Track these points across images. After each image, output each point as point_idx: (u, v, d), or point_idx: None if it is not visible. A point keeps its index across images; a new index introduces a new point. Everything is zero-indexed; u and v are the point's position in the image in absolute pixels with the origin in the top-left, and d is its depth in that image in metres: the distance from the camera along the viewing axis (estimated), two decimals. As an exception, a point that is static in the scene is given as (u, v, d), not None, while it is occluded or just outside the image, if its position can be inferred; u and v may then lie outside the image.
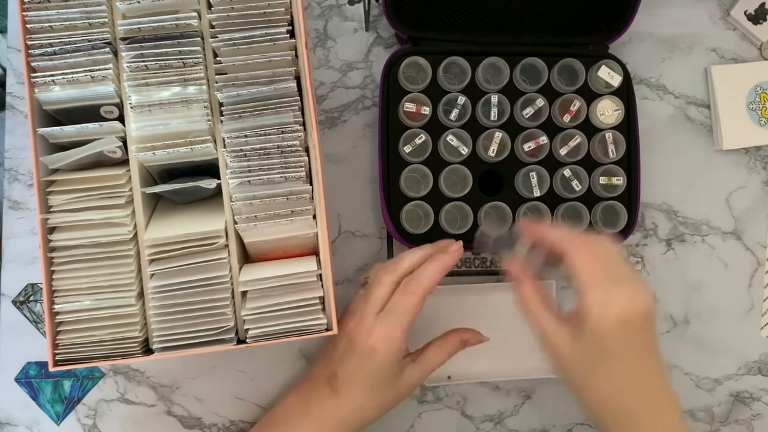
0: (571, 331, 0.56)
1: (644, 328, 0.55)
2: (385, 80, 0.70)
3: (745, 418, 0.76)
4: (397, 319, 0.59)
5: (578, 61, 0.71)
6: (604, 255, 0.56)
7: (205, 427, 0.71)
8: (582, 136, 0.71)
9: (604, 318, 0.54)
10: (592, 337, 0.54)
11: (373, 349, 0.59)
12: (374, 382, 0.60)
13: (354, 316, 0.61)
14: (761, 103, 0.78)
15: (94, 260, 0.58)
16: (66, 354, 0.57)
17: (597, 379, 0.56)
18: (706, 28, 0.79)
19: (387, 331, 0.59)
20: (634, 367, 0.56)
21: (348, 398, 0.61)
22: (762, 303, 0.77)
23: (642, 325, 0.54)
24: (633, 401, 0.56)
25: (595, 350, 0.55)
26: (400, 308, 0.59)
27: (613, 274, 0.55)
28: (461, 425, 0.73)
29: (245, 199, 0.59)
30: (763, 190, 0.78)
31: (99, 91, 0.58)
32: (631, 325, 0.54)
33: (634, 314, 0.54)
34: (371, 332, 0.59)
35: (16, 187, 0.72)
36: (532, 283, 0.59)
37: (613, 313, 0.54)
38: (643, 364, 0.56)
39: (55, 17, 0.58)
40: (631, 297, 0.54)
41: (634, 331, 0.54)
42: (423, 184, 0.70)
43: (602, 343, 0.54)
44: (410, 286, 0.60)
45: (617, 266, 0.56)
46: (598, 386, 0.57)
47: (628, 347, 0.55)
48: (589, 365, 0.56)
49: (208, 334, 0.58)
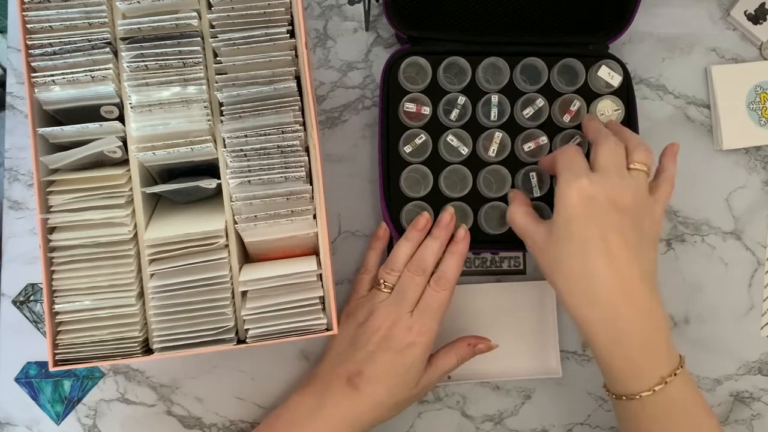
0: (548, 223, 0.60)
1: (612, 213, 0.55)
2: (385, 80, 0.70)
3: (745, 418, 0.76)
4: (432, 315, 0.63)
5: (578, 61, 0.71)
6: (594, 157, 0.59)
7: (205, 427, 0.71)
8: (582, 136, 0.71)
9: (567, 196, 0.56)
10: (558, 216, 0.57)
11: (413, 343, 0.62)
12: (402, 379, 0.62)
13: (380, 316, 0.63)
14: (761, 103, 0.78)
15: (94, 260, 0.58)
16: (66, 354, 0.57)
17: (564, 256, 0.57)
18: (706, 28, 0.79)
19: (425, 325, 0.63)
20: (599, 240, 0.55)
21: (369, 396, 0.62)
22: (762, 303, 0.77)
23: (609, 206, 0.55)
24: (601, 274, 0.56)
25: (560, 227, 0.57)
26: (434, 305, 0.63)
27: (593, 167, 0.58)
28: (461, 425, 0.73)
29: (245, 199, 0.59)
30: (763, 190, 0.78)
31: (99, 91, 0.58)
32: (595, 201, 0.55)
33: (596, 193, 0.55)
34: (410, 329, 0.62)
35: (16, 187, 0.72)
36: (520, 200, 0.65)
37: (575, 190, 0.55)
38: (612, 241, 0.55)
39: (55, 17, 0.58)
40: (601, 182, 0.56)
41: (599, 209, 0.55)
42: (423, 184, 0.70)
43: (565, 218, 0.56)
44: (441, 282, 0.64)
45: (602, 162, 0.57)
46: (567, 261, 0.57)
47: (590, 224, 0.55)
48: (556, 243, 0.58)
49: (208, 334, 0.58)
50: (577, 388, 0.74)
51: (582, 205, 0.55)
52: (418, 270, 0.64)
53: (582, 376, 0.74)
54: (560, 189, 0.57)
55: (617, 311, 0.56)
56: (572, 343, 0.74)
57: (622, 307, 0.56)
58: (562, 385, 0.74)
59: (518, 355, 0.73)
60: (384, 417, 0.64)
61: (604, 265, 0.56)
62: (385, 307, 0.64)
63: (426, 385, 0.65)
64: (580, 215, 0.56)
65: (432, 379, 0.65)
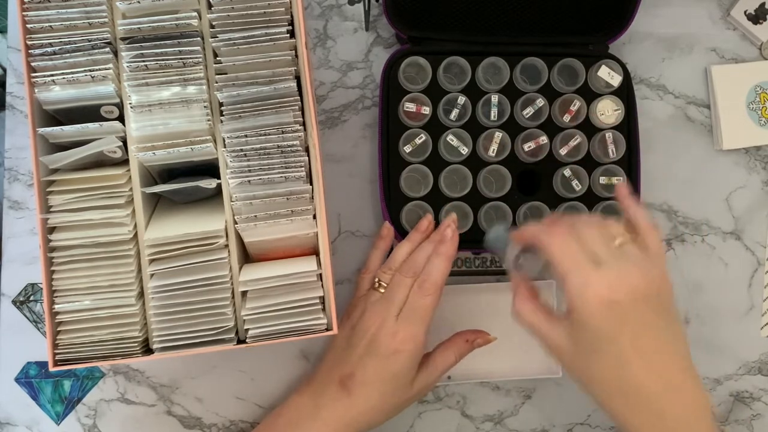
0: (565, 325, 0.55)
1: (638, 308, 0.52)
2: (385, 80, 0.70)
3: (745, 418, 0.76)
4: (418, 320, 0.61)
5: (578, 61, 0.71)
6: (580, 239, 0.54)
7: (205, 427, 0.71)
8: (582, 136, 0.71)
9: (586, 304, 0.51)
10: (580, 326, 0.52)
11: (397, 350, 0.61)
12: (392, 385, 0.62)
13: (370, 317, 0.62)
14: (761, 103, 0.78)
15: (94, 260, 0.58)
16: (66, 354, 0.57)
17: (596, 367, 0.54)
18: (706, 28, 0.79)
19: (411, 332, 0.61)
20: (634, 353, 0.52)
21: (362, 400, 0.61)
22: (762, 303, 0.77)
23: (633, 306, 0.51)
24: (642, 381, 0.53)
25: (587, 338, 0.53)
26: (419, 309, 0.62)
27: (592, 258, 0.52)
28: (461, 425, 0.73)
29: (245, 199, 0.59)
30: (763, 190, 0.78)
31: (99, 91, 0.58)
32: (618, 306, 0.51)
33: (616, 296, 0.51)
34: (395, 335, 0.61)
35: (16, 187, 0.72)
36: (524, 293, 0.58)
37: (594, 298, 0.51)
38: (644, 343, 0.52)
39: (55, 17, 0.58)
40: (612, 278, 0.52)
41: (623, 313, 0.51)
42: (423, 184, 0.70)
43: (591, 329, 0.52)
44: (426, 286, 0.62)
45: (596, 248, 0.53)
46: (600, 373, 0.54)
47: (619, 329, 0.52)
48: (585, 355, 0.54)
49: (208, 334, 0.58)
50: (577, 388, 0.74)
51: (605, 314, 0.51)
52: (408, 272, 0.63)
53: (582, 376, 0.74)
54: (573, 294, 0.52)
55: (663, 412, 0.53)
56: (572, 343, 0.74)
57: (667, 407, 0.53)
58: (562, 385, 0.74)
59: (518, 355, 0.73)
60: (380, 419, 0.63)
61: (643, 370, 0.52)
62: (375, 308, 0.63)
63: (424, 386, 0.64)
64: (607, 326, 0.52)
65: (430, 380, 0.64)
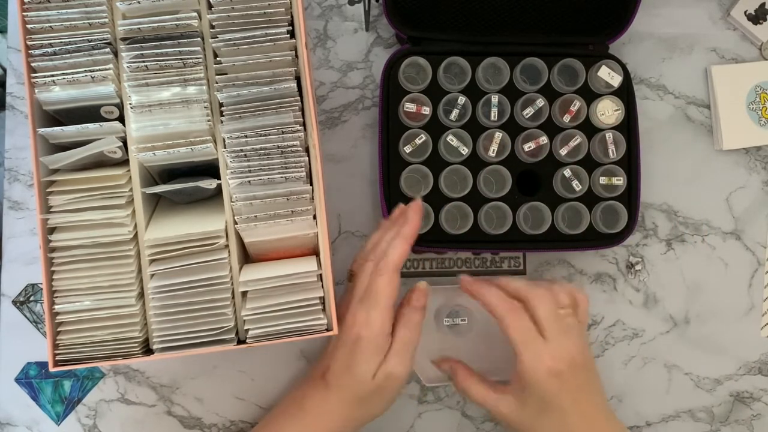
0: (513, 395, 0.63)
1: (576, 375, 0.61)
2: (385, 80, 0.70)
3: (745, 418, 0.76)
4: (374, 303, 0.60)
5: (578, 61, 0.71)
6: (534, 315, 0.62)
7: (205, 427, 0.71)
8: (582, 136, 0.71)
9: (537, 376, 0.61)
10: (531, 391, 0.61)
11: (358, 336, 0.59)
12: (361, 371, 0.60)
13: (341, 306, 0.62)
14: (761, 103, 0.78)
15: (95, 260, 0.58)
16: (66, 354, 0.57)
17: (542, 424, 0.63)
18: (706, 28, 0.79)
19: (366, 316, 0.59)
20: (574, 411, 0.62)
21: (338, 390, 0.61)
22: (762, 303, 0.77)
23: (572, 373, 0.61)
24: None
25: (535, 401, 0.62)
26: (374, 291, 0.60)
27: (540, 332, 0.62)
28: (461, 425, 0.73)
29: (245, 200, 0.59)
30: (763, 190, 0.78)
31: (99, 92, 0.58)
32: (563, 375, 0.61)
33: (561, 366, 0.61)
34: (355, 318, 0.60)
35: (16, 187, 0.72)
36: (464, 371, 0.67)
37: (543, 370, 0.60)
38: (582, 407, 0.62)
39: (55, 17, 0.58)
40: (555, 352, 0.61)
41: (565, 380, 0.61)
42: (423, 184, 0.70)
43: (542, 397, 0.61)
44: (380, 267, 0.60)
45: (545, 323, 0.62)
46: (547, 430, 0.63)
47: (564, 396, 0.61)
48: (533, 416, 0.63)
49: (208, 335, 0.58)
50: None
51: (551, 381, 0.61)
52: (371, 256, 0.62)
53: (582, 376, 0.74)
54: (525, 366, 0.61)
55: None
56: (572, 343, 0.74)
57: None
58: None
59: (518, 355, 0.73)
60: (363, 413, 0.62)
61: (582, 424, 0.62)
62: (345, 297, 0.64)
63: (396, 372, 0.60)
64: (552, 391, 0.61)
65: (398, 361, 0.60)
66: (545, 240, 0.70)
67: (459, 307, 0.70)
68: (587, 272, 0.76)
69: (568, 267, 0.75)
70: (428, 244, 0.69)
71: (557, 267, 0.75)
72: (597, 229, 0.70)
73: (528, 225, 0.70)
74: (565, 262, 0.75)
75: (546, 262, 0.75)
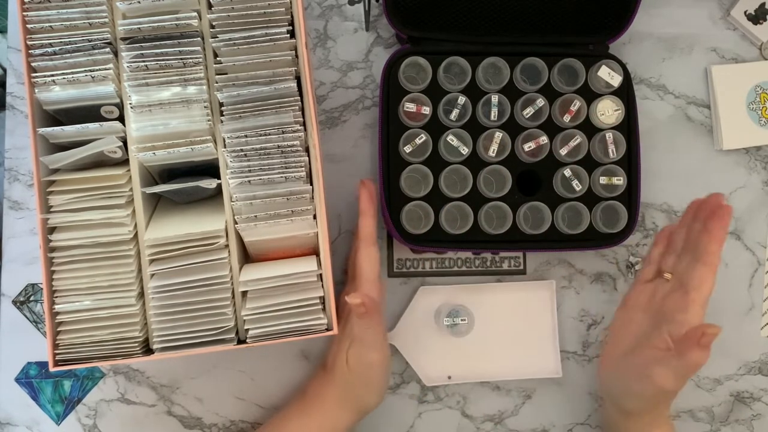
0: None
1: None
2: (385, 80, 0.70)
3: (746, 418, 0.76)
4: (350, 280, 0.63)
5: (578, 61, 0.71)
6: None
7: (205, 427, 0.71)
8: (582, 136, 0.71)
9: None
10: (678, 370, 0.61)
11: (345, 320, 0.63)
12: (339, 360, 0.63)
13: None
14: (761, 103, 0.78)
15: (95, 260, 0.58)
16: (66, 354, 0.57)
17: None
18: (706, 28, 0.79)
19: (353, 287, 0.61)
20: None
21: (333, 374, 0.63)
22: (762, 303, 0.77)
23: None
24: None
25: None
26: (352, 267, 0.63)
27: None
28: (461, 425, 0.73)
29: (245, 199, 0.59)
30: (763, 190, 0.78)
31: (99, 91, 0.58)
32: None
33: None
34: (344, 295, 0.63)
35: (16, 187, 0.72)
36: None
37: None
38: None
39: (56, 17, 0.58)
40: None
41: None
42: (423, 184, 0.70)
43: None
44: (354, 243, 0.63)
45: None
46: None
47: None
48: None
49: (208, 334, 0.58)
50: (577, 388, 0.74)
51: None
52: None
53: (582, 376, 0.74)
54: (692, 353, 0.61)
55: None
56: (572, 343, 0.74)
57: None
58: (562, 385, 0.74)
59: (518, 355, 0.73)
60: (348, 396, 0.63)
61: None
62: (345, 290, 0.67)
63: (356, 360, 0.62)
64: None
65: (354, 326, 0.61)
66: (545, 240, 0.70)
67: (459, 307, 0.70)
68: (587, 272, 0.76)
69: (568, 267, 0.75)
70: (428, 244, 0.69)
71: (557, 267, 0.75)
72: (597, 229, 0.70)
73: (528, 225, 0.70)
74: (565, 262, 0.75)
75: (546, 262, 0.75)
